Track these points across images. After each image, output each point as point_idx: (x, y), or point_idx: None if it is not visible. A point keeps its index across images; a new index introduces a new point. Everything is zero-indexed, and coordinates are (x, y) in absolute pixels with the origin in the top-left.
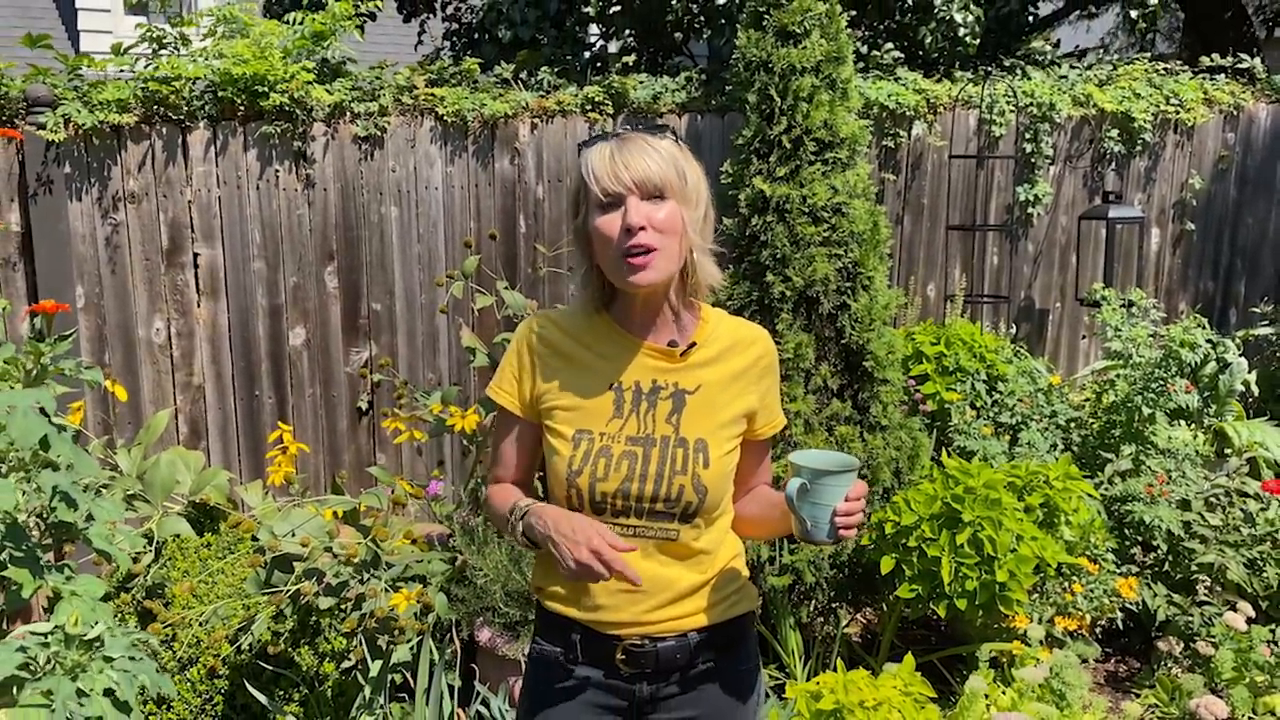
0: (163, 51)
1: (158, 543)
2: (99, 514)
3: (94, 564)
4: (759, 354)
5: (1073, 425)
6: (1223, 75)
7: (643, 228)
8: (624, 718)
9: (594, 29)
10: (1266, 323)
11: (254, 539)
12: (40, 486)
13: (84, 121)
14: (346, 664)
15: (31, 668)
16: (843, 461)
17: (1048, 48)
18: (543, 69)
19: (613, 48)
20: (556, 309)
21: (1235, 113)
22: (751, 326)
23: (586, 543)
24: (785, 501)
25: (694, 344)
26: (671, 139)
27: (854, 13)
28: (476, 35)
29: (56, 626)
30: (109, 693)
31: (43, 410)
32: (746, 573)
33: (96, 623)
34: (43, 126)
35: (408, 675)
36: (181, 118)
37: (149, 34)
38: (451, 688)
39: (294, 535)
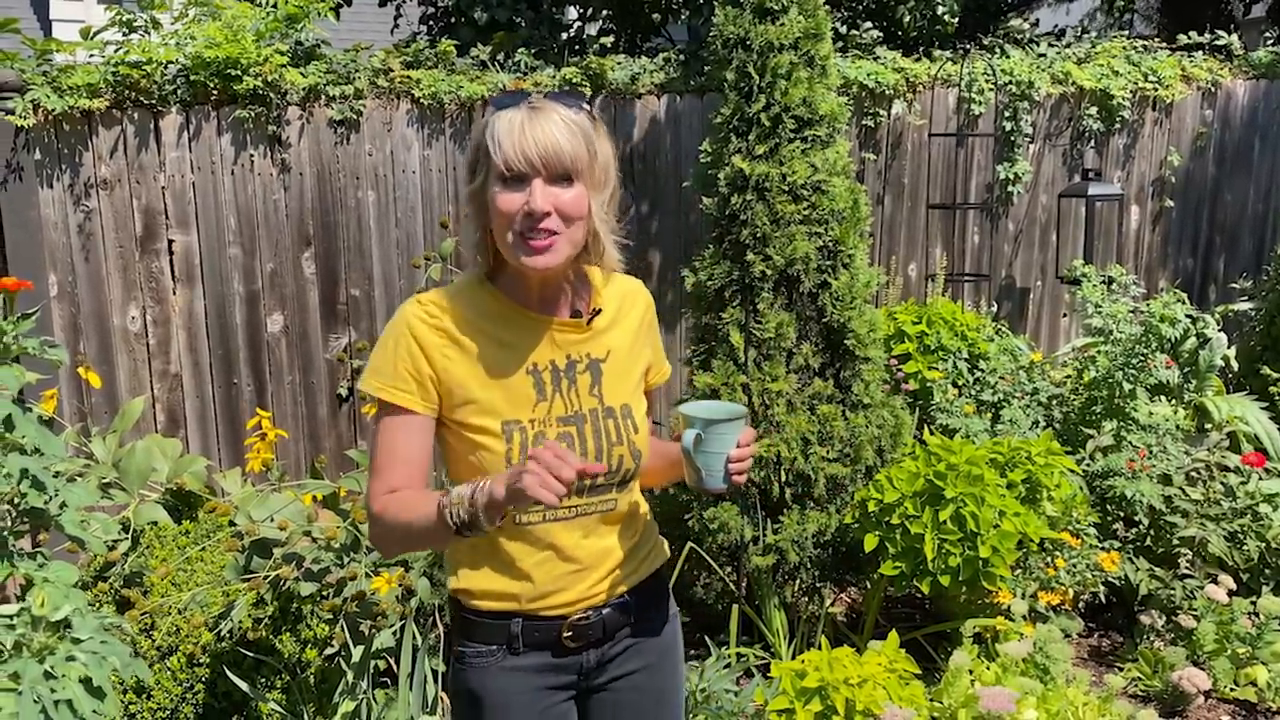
0: (133, 35)
1: (135, 531)
2: (71, 500)
3: (69, 552)
4: (645, 304)
5: (1054, 402)
6: (1200, 52)
7: (547, 213)
8: (574, 689)
9: (572, 11)
10: (1245, 298)
11: (232, 524)
12: (9, 471)
13: (54, 107)
14: (329, 650)
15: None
16: (731, 410)
17: (1025, 27)
18: (520, 51)
19: (591, 30)
20: (438, 292)
21: (1213, 89)
22: (628, 279)
23: (554, 467)
24: (681, 453)
25: (598, 310)
26: (586, 112)
27: None
28: (453, 18)
29: (23, 608)
30: (85, 680)
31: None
32: (655, 525)
33: (64, 605)
34: (11, 112)
35: (391, 661)
36: (153, 102)
37: (119, 17)
38: (435, 672)
39: (272, 520)
